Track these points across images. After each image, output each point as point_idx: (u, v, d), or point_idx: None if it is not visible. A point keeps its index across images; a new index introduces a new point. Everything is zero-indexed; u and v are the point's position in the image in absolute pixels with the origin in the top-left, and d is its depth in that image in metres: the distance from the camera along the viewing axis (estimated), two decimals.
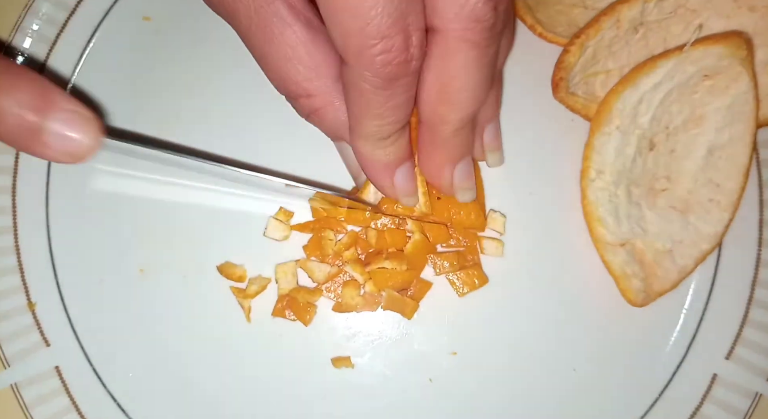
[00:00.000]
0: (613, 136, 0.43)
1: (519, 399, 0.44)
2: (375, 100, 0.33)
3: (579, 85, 0.45)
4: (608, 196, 0.44)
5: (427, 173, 0.40)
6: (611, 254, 0.44)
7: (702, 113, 0.42)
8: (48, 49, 0.47)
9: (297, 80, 0.36)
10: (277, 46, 0.34)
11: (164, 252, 0.45)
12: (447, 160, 0.39)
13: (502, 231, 0.45)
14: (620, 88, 0.42)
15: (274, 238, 0.45)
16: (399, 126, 0.35)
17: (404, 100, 0.34)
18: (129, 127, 0.47)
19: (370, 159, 0.38)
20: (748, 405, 0.44)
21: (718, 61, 0.40)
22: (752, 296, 0.45)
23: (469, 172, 0.40)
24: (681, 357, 0.45)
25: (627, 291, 0.44)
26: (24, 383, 0.44)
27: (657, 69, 0.41)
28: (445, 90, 0.34)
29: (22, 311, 0.45)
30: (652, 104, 0.42)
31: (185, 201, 0.46)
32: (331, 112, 0.37)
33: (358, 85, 0.32)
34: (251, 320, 0.44)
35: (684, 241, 0.43)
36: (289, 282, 0.44)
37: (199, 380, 0.44)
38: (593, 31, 0.43)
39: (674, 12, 0.42)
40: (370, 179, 0.40)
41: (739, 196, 0.43)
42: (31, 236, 0.46)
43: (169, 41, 0.48)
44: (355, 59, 0.30)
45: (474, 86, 0.34)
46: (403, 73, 0.31)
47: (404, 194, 0.40)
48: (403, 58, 0.30)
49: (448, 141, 0.37)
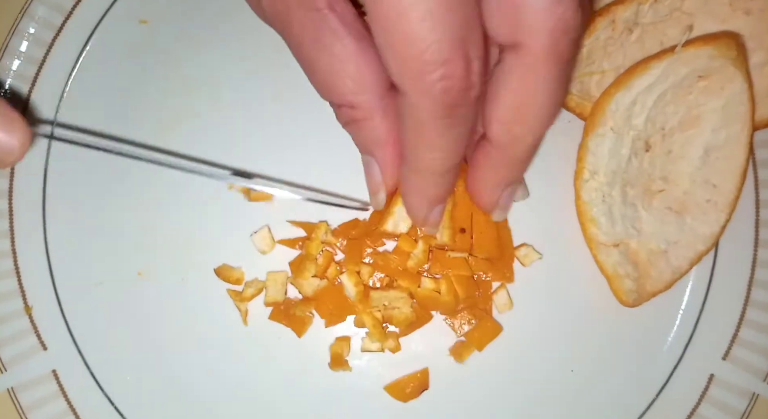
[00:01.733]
0: (607, 137, 0.43)
1: (516, 400, 0.44)
2: (433, 131, 0.32)
3: (574, 83, 0.45)
4: (602, 197, 0.44)
5: (477, 191, 0.39)
6: (604, 254, 0.44)
7: (697, 114, 0.42)
8: (44, 53, 0.47)
9: (343, 92, 0.35)
10: (327, 58, 0.34)
11: (162, 256, 0.45)
12: (507, 180, 0.38)
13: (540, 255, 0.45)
14: (613, 90, 0.43)
15: (257, 248, 0.45)
16: (455, 161, 0.34)
17: (463, 132, 0.32)
18: (126, 131, 0.47)
19: (421, 192, 0.37)
20: (745, 405, 0.44)
21: (710, 61, 0.40)
22: (749, 296, 0.45)
23: (512, 192, 0.40)
24: (678, 357, 0.45)
25: (619, 291, 0.44)
26: (21, 387, 0.44)
27: (650, 70, 0.41)
28: (523, 109, 0.32)
29: (19, 315, 0.45)
30: (646, 105, 0.42)
31: (183, 204, 0.46)
32: (369, 126, 0.36)
33: (415, 115, 0.31)
34: (248, 323, 0.44)
35: (679, 242, 0.43)
36: (278, 292, 0.44)
37: (196, 383, 0.44)
38: (588, 31, 0.43)
39: (669, 15, 0.42)
40: (408, 207, 0.39)
41: (736, 196, 0.43)
42: (28, 239, 0.45)
43: (166, 44, 0.48)
44: (412, 86, 0.29)
45: (554, 103, 0.33)
46: (464, 101, 0.30)
47: (432, 226, 0.40)
48: (464, 85, 0.29)
49: (516, 162, 0.36)
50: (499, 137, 0.34)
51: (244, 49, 0.47)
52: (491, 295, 0.44)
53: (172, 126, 0.47)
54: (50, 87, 0.47)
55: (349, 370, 0.44)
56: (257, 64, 0.47)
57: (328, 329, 0.44)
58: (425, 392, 0.44)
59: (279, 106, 0.47)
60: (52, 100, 0.47)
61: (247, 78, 0.47)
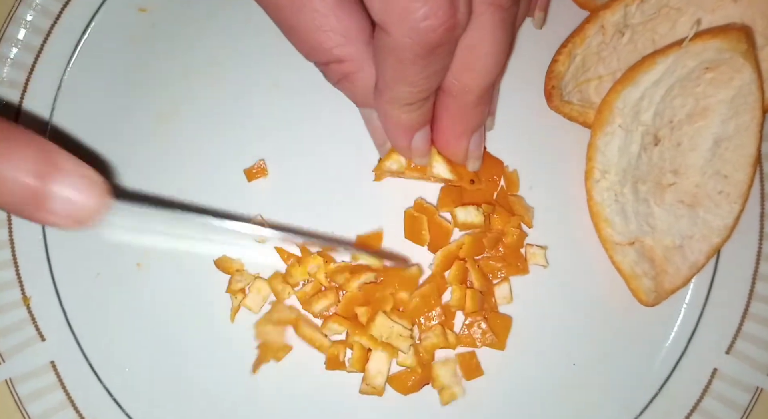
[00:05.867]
0: (616, 134, 0.43)
1: (518, 393, 0.44)
2: (412, 69, 0.32)
3: (573, 92, 0.45)
4: (614, 196, 0.44)
5: (443, 142, 0.40)
6: (620, 254, 0.44)
7: (706, 105, 0.42)
8: (42, 40, 0.46)
9: (328, 47, 0.35)
10: (307, 14, 0.34)
11: (161, 247, 0.45)
12: (465, 129, 0.39)
13: (545, 264, 0.45)
14: (620, 87, 0.42)
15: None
16: (429, 93, 0.35)
17: (440, 69, 0.33)
18: (125, 119, 0.46)
19: (394, 121, 0.38)
20: (748, 399, 0.44)
21: (718, 54, 0.40)
22: (753, 290, 0.45)
23: (480, 140, 0.41)
24: (681, 351, 0.45)
25: (638, 291, 0.44)
26: (19, 378, 0.43)
27: (656, 65, 0.41)
28: (470, 57, 0.34)
29: (17, 305, 0.44)
30: (653, 100, 0.42)
31: (182, 195, 0.45)
32: (361, 77, 0.36)
33: (397, 53, 0.31)
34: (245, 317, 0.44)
35: (694, 236, 0.43)
36: (256, 304, 0.44)
37: (194, 374, 0.44)
38: (579, 39, 0.43)
39: (657, 12, 0.42)
40: (390, 138, 0.40)
41: (748, 186, 0.42)
42: (26, 229, 0.45)
43: (165, 33, 0.47)
44: (397, 26, 0.30)
45: (498, 50, 0.34)
46: (447, 40, 0.31)
47: (419, 155, 0.40)
48: (449, 24, 0.30)
49: (470, 110, 0.37)
50: (451, 86, 0.36)
51: (243, 36, 0.47)
52: (493, 290, 0.44)
53: (172, 113, 0.46)
54: (48, 75, 0.46)
55: (345, 370, 0.43)
56: (257, 51, 0.47)
57: None
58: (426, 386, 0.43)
59: (279, 93, 0.46)
60: (51, 89, 0.46)
61: (247, 65, 0.47)
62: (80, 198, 0.28)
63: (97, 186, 0.28)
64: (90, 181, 0.28)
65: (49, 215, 0.28)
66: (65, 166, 0.27)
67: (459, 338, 0.43)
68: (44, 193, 0.27)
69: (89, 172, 0.28)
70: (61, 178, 0.27)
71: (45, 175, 0.27)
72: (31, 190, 0.27)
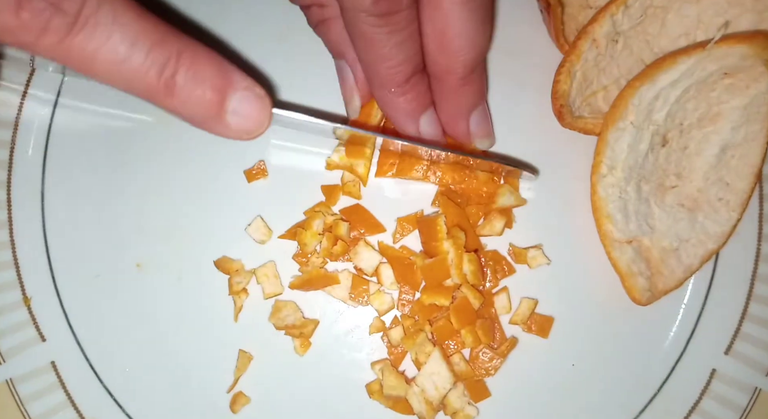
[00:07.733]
0: (627, 131, 0.43)
1: (518, 393, 0.44)
2: (377, 40, 0.34)
3: (582, 107, 0.45)
4: (618, 193, 0.44)
5: (446, 125, 0.41)
6: (618, 251, 0.44)
7: (718, 111, 0.42)
8: None
9: None
10: None
11: (161, 247, 0.45)
12: (460, 110, 0.40)
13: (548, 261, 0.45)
14: (637, 83, 0.42)
15: (253, 238, 0.45)
16: (410, 68, 0.36)
17: (406, 36, 0.35)
18: (125, 123, 0.46)
19: (394, 107, 0.39)
20: (747, 400, 0.44)
21: (741, 60, 0.39)
22: (751, 291, 0.45)
23: (483, 120, 0.41)
24: (680, 352, 0.45)
25: (632, 289, 0.44)
26: (20, 378, 0.44)
27: (677, 65, 0.40)
28: (442, 39, 0.35)
29: (18, 306, 0.44)
30: (668, 100, 0.42)
31: (182, 196, 0.46)
32: (338, 24, 0.38)
33: (358, 28, 0.33)
34: (243, 319, 0.44)
35: (691, 240, 0.43)
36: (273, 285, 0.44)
37: (194, 374, 0.44)
38: (575, 57, 0.43)
39: (644, 14, 0.42)
40: (398, 127, 0.40)
41: (748, 196, 0.42)
42: (27, 230, 0.45)
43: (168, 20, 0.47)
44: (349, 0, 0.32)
45: (469, 31, 0.35)
46: (396, 7, 0.33)
47: (433, 137, 0.41)
48: None
49: (456, 91, 0.38)
50: (432, 69, 0.37)
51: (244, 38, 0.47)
52: (493, 300, 0.44)
53: None
54: None
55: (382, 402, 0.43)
56: (257, 54, 0.47)
57: (329, 323, 0.44)
58: None
59: (279, 93, 0.47)
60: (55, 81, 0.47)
61: (248, 67, 0.47)
62: (251, 112, 0.31)
63: (264, 101, 0.32)
64: (259, 96, 0.31)
65: (224, 128, 0.31)
66: (240, 82, 0.31)
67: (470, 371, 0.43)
68: (222, 106, 0.30)
69: (258, 89, 0.31)
70: (236, 93, 0.31)
71: (222, 89, 0.30)
72: (210, 103, 0.30)
